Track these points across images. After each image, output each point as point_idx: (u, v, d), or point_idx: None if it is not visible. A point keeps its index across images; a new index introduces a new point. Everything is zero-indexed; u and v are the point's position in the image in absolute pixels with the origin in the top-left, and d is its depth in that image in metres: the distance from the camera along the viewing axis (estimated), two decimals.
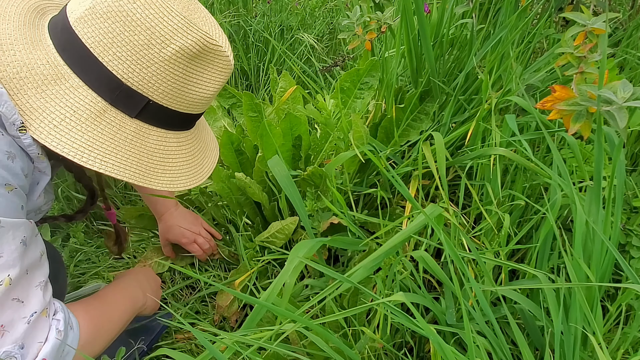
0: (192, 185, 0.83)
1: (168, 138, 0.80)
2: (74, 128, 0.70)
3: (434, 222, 0.73)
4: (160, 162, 0.79)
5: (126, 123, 0.74)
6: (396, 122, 1.29)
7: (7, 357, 0.65)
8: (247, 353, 0.74)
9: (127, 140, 0.74)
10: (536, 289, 0.96)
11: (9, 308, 0.67)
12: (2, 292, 0.65)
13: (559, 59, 0.76)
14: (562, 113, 0.71)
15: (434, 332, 0.70)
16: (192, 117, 0.82)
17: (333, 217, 1.08)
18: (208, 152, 0.89)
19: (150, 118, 0.76)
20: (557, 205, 0.84)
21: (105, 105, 0.72)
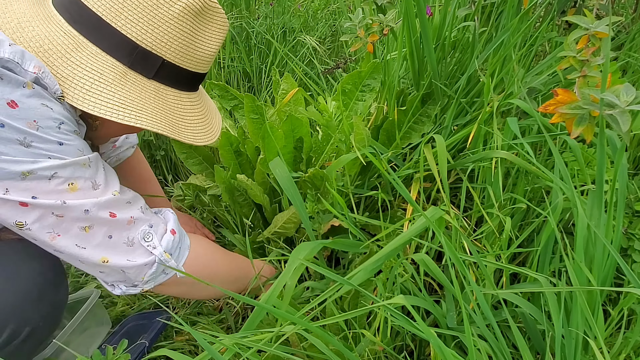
0: (210, 141, 0.89)
1: (182, 98, 0.85)
2: (104, 89, 0.75)
3: (434, 225, 0.72)
4: (180, 118, 0.84)
5: (146, 84, 0.80)
6: (398, 124, 1.29)
7: (145, 235, 0.85)
8: (247, 355, 0.74)
9: (151, 98, 0.79)
10: (537, 292, 0.96)
11: (127, 208, 0.83)
12: (117, 199, 0.81)
13: (561, 62, 0.76)
14: (564, 116, 0.71)
15: (434, 336, 0.70)
16: (199, 77, 0.88)
17: (334, 220, 1.08)
18: (214, 113, 0.96)
19: (166, 78, 0.82)
20: (559, 208, 0.84)
21: (124, 69, 0.77)
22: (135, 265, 0.83)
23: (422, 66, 1.27)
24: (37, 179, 0.70)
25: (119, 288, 0.88)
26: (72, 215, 0.75)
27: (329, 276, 0.74)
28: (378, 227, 1.27)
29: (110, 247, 0.81)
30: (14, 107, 0.67)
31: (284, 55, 2.21)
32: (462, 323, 0.97)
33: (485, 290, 0.80)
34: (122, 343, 0.85)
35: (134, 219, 0.84)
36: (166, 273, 0.89)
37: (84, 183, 0.76)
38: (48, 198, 0.72)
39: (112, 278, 0.86)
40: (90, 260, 0.80)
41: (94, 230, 0.78)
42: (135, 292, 0.89)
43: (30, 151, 0.69)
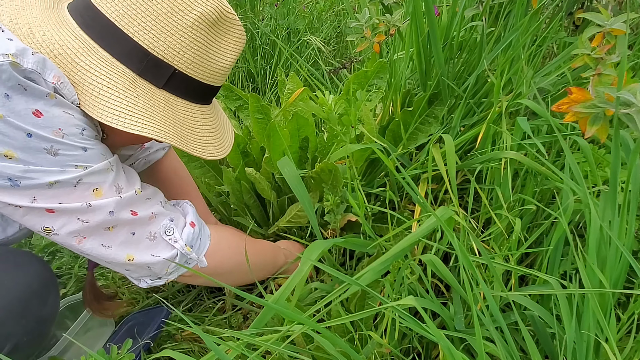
0: (219, 156, 0.88)
1: (193, 110, 0.84)
2: (112, 95, 0.74)
3: (444, 224, 0.71)
4: (190, 130, 0.83)
5: (155, 93, 0.78)
6: (404, 125, 1.28)
7: (167, 229, 0.87)
8: (253, 356, 0.73)
9: (160, 107, 0.78)
10: (546, 295, 0.94)
11: (147, 204, 0.85)
12: (139, 197, 0.83)
13: (574, 60, 0.75)
14: (578, 116, 0.69)
15: (444, 338, 0.69)
16: (212, 90, 0.86)
17: (349, 214, 1.07)
18: (227, 128, 0.95)
19: (176, 88, 0.80)
20: (570, 209, 0.82)
21: (134, 76, 0.76)
22: (159, 261, 0.85)
23: (429, 66, 1.27)
24: (64, 186, 0.72)
25: (144, 282, 0.90)
26: (97, 218, 0.77)
27: (337, 277, 0.73)
28: (385, 228, 1.26)
29: (134, 243, 0.83)
30: (39, 117, 0.68)
31: (289, 55, 2.20)
32: (469, 325, 0.96)
33: (495, 292, 0.79)
34: (126, 342, 0.84)
35: (154, 214, 0.85)
36: (188, 263, 0.91)
37: (108, 188, 0.78)
38: (74, 202, 0.74)
39: (137, 274, 0.88)
40: (117, 259, 0.82)
41: (118, 229, 0.80)
42: (160, 284, 0.91)
43: (57, 160, 0.70)
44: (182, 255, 0.89)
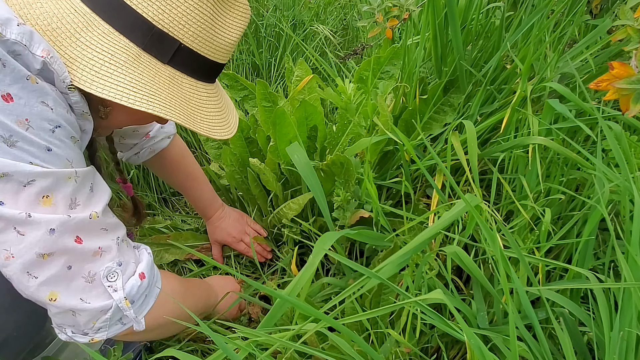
0: (227, 135, 0.83)
1: (198, 88, 0.79)
2: (115, 71, 0.68)
3: (474, 209, 0.65)
4: (196, 109, 0.78)
5: (160, 69, 0.73)
6: (418, 114, 1.22)
7: (110, 273, 0.72)
8: (263, 356, 0.67)
9: (165, 84, 0.73)
10: (575, 292, 0.88)
11: (99, 236, 0.72)
12: (94, 224, 0.71)
13: (615, 34, 0.69)
14: (620, 93, 0.63)
15: (475, 336, 0.63)
16: (217, 67, 0.81)
17: (362, 211, 1.00)
18: (231, 108, 0.90)
19: (182, 64, 0.75)
20: (605, 198, 0.76)
21: (138, 51, 0.71)
22: (88, 308, 0.70)
23: (446, 51, 1.20)
24: (11, 181, 0.62)
25: (64, 333, 0.74)
26: (35, 234, 0.64)
27: (355, 268, 0.67)
28: (397, 223, 1.20)
29: (65, 279, 0.68)
30: (7, 101, 0.60)
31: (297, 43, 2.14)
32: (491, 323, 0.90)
33: (528, 287, 0.73)
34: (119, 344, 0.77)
35: (101, 250, 0.72)
36: (123, 323, 0.76)
37: (61, 199, 0.66)
38: (15, 207, 0.63)
39: (59, 319, 0.72)
40: (36, 296, 0.68)
41: (53, 258, 0.67)
42: (83, 342, 0.74)
43: (13, 151, 0.61)
44: (117, 309, 0.73)
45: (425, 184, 1.25)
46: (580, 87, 1.08)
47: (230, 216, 1.35)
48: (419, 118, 1.20)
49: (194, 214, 1.59)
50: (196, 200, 1.32)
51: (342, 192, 0.93)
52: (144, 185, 1.68)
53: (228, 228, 1.33)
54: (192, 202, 1.34)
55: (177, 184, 1.30)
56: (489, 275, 0.96)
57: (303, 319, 0.82)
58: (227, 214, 1.35)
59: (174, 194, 1.71)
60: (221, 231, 1.34)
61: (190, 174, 1.29)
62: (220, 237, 1.35)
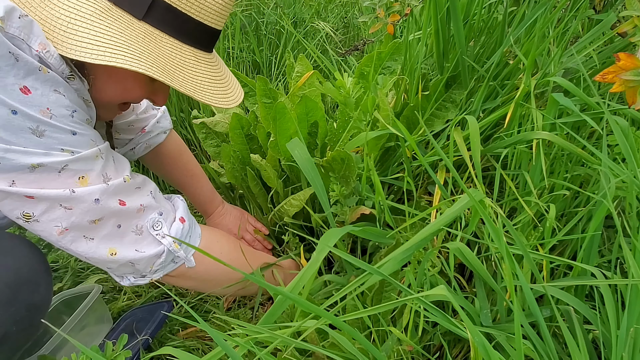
0: (225, 104, 0.79)
1: (184, 52, 0.74)
2: (80, 26, 0.66)
3: (478, 204, 0.64)
4: (179, 69, 0.73)
5: (135, 24, 0.69)
6: (419, 111, 1.20)
7: (155, 223, 0.80)
8: (262, 353, 0.65)
9: (138, 38, 0.68)
10: (580, 289, 0.87)
11: (136, 194, 0.78)
12: (128, 185, 0.76)
13: (621, 25, 0.68)
14: (626, 85, 0.62)
15: (479, 334, 0.61)
16: (206, 31, 0.75)
17: (363, 207, 0.99)
18: (234, 82, 0.85)
19: (161, 22, 0.70)
20: (611, 193, 0.75)
21: (108, 5, 0.67)
22: (144, 257, 0.79)
23: (448, 47, 1.19)
24: (47, 171, 0.66)
25: (127, 279, 0.83)
26: (82, 206, 0.70)
27: (357, 265, 0.65)
28: (399, 220, 1.18)
29: (118, 237, 0.76)
30: (27, 94, 0.62)
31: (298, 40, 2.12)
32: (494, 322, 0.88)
33: (532, 285, 0.71)
34: (121, 338, 0.77)
35: (143, 206, 0.79)
36: (175, 262, 0.84)
37: (95, 177, 0.71)
38: (56, 188, 0.67)
39: (120, 271, 0.81)
40: (98, 254, 0.75)
41: (103, 221, 0.73)
42: (143, 283, 0.84)
43: (43, 141, 0.64)
44: (169, 252, 0.82)
45: (427, 181, 1.23)
46: (585, 81, 1.06)
47: (231, 213, 1.34)
48: (420, 114, 1.19)
49: (194, 212, 1.58)
50: (195, 197, 1.31)
51: (337, 186, 0.92)
52: None
53: (229, 225, 1.32)
54: (192, 199, 1.33)
55: (176, 180, 1.29)
56: (492, 272, 0.94)
57: (304, 316, 0.81)
58: (228, 211, 1.34)
59: (173, 192, 1.69)
60: (222, 228, 1.32)
61: (188, 171, 1.27)
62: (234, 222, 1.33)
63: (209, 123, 1.35)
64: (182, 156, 1.27)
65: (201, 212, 1.36)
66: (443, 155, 0.77)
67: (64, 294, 1.17)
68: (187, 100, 1.88)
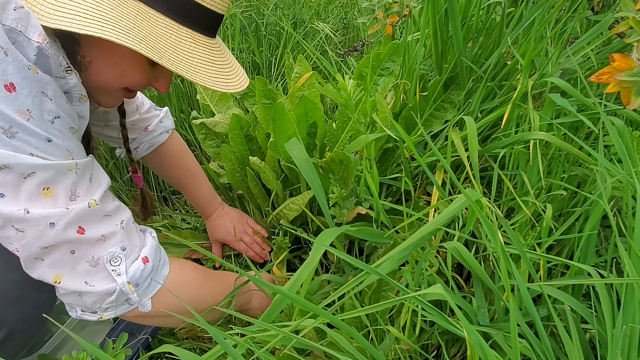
0: (227, 88, 0.74)
1: (180, 32, 0.70)
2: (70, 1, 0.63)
3: (474, 204, 0.64)
4: (173, 49, 0.69)
5: (128, 2, 0.66)
6: (418, 111, 1.21)
7: (113, 258, 0.72)
8: (260, 352, 0.66)
9: (130, 14, 0.65)
10: (577, 288, 0.87)
11: (102, 222, 0.71)
12: (94, 212, 0.69)
13: (618, 26, 0.68)
14: (621, 85, 0.63)
15: (475, 333, 0.62)
16: (208, 14, 0.72)
17: (359, 207, 0.99)
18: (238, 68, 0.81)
19: (155, 0, 0.67)
20: (607, 193, 0.75)
21: None
22: (93, 292, 0.71)
23: (446, 47, 1.20)
24: (12, 174, 0.60)
25: (74, 311, 0.75)
26: (34, 230, 0.64)
27: (355, 264, 0.66)
28: (398, 220, 1.19)
29: (69, 263, 0.69)
30: (10, 91, 0.58)
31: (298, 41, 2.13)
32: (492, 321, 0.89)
33: (529, 284, 0.72)
34: (121, 337, 0.77)
35: (105, 236, 0.71)
36: (130, 304, 0.76)
37: (62, 191, 0.65)
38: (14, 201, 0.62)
39: (68, 299, 0.73)
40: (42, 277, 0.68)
41: (55, 248, 0.67)
42: (92, 319, 0.75)
43: (13, 142, 0.59)
44: (122, 292, 0.73)
45: (425, 182, 1.24)
46: (581, 82, 1.07)
47: (230, 215, 1.34)
48: (419, 115, 1.19)
49: (194, 213, 1.58)
50: (195, 198, 1.32)
51: (336, 188, 0.92)
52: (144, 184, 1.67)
53: (228, 227, 1.32)
54: (192, 199, 1.33)
55: (176, 181, 1.30)
56: (490, 272, 0.95)
57: (302, 316, 0.81)
58: (227, 213, 1.34)
59: (174, 193, 1.70)
60: (221, 229, 1.33)
61: (189, 171, 1.28)
62: (220, 236, 1.34)
63: (208, 123, 1.36)
64: (183, 157, 1.27)
65: (200, 213, 1.36)
66: (440, 156, 0.77)
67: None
68: (188, 101, 1.89)
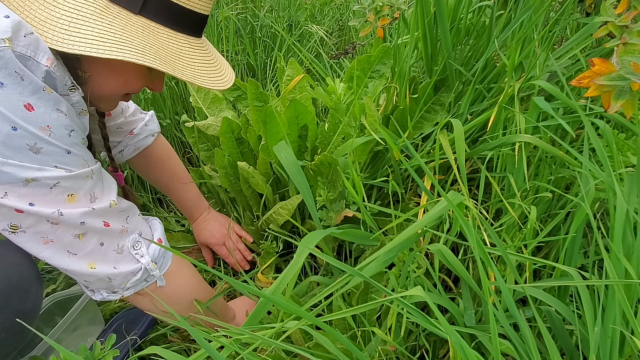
0: (221, 86, 0.83)
1: (179, 39, 0.78)
2: (83, 25, 0.69)
3: (456, 207, 0.65)
4: (177, 57, 0.77)
5: (132, 19, 0.73)
6: (409, 113, 1.22)
7: (135, 243, 0.84)
8: (245, 352, 0.66)
9: (138, 32, 0.72)
10: (563, 290, 0.88)
11: (120, 217, 0.82)
12: (114, 210, 0.80)
13: (598, 31, 0.69)
14: (601, 89, 0.63)
15: (456, 334, 0.62)
16: (196, 17, 0.79)
17: (347, 210, 1.00)
18: (224, 64, 0.89)
19: (155, 14, 0.74)
20: (591, 196, 0.76)
21: (106, 3, 0.71)
22: (122, 273, 0.82)
23: (436, 50, 1.20)
24: (39, 186, 0.68)
25: (99, 294, 0.85)
26: (68, 224, 0.73)
27: (338, 266, 0.66)
28: (387, 222, 1.20)
29: (100, 254, 0.79)
30: (30, 110, 0.65)
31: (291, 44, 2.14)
32: (479, 322, 0.89)
33: (512, 285, 0.73)
34: (109, 338, 0.78)
35: (125, 227, 0.82)
36: (147, 281, 0.87)
37: (83, 195, 0.75)
38: (45, 207, 0.70)
39: (95, 285, 0.83)
40: (78, 268, 0.77)
41: (87, 238, 0.76)
42: (114, 299, 0.86)
43: (39, 157, 0.67)
44: (146, 270, 0.85)
45: (416, 183, 1.25)
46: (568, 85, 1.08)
47: (216, 219, 1.35)
48: (409, 117, 1.20)
49: (180, 216, 1.59)
50: (181, 202, 1.33)
51: (324, 191, 0.93)
52: (138, 185, 1.68)
53: (212, 230, 1.33)
54: (178, 203, 1.34)
55: (163, 184, 1.31)
56: (478, 274, 0.96)
57: (288, 317, 0.82)
58: (213, 217, 1.35)
59: (161, 197, 1.70)
60: (205, 233, 1.34)
61: (175, 175, 1.29)
62: (204, 239, 1.35)
63: (201, 126, 1.36)
64: (169, 160, 1.28)
65: (187, 216, 1.37)
66: (421, 162, 0.78)
67: (56, 295, 1.18)
68: (182, 103, 1.90)
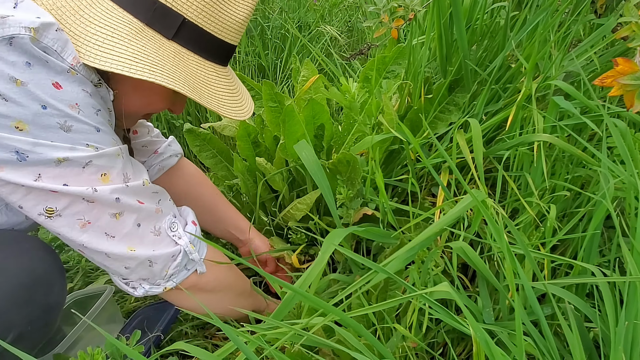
0: (241, 116, 0.84)
1: (206, 67, 0.80)
2: (117, 44, 0.70)
3: (481, 204, 0.66)
4: (204, 85, 0.79)
5: (165, 44, 0.74)
6: (423, 113, 1.22)
7: (171, 224, 0.84)
8: (271, 349, 0.67)
9: (169, 57, 0.74)
10: (581, 287, 0.88)
11: (153, 198, 0.82)
12: (147, 189, 0.81)
13: (620, 31, 0.70)
14: (625, 89, 0.64)
15: (482, 331, 0.63)
16: (226, 48, 0.81)
17: (365, 208, 1.01)
18: (245, 93, 0.91)
19: (188, 41, 0.76)
20: (610, 194, 0.77)
21: (142, 26, 0.73)
22: (162, 255, 0.81)
23: (451, 51, 1.21)
24: (72, 165, 0.69)
25: (141, 287, 0.84)
26: (103, 201, 0.73)
27: (362, 262, 0.67)
28: (403, 221, 1.21)
29: (138, 236, 0.78)
30: (58, 88, 0.66)
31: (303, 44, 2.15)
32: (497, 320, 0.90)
33: (533, 283, 0.73)
34: (135, 334, 0.79)
35: (160, 208, 0.82)
36: (188, 269, 0.86)
37: (117, 175, 0.75)
38: (79, 185, 0.70)
39: (136, 275, 0.82)
40: (117, 251, 0.77)
41: (124, 218, 0.76)
42: (157, 292, 0.85)
43: (70, 136, 0.68)
44: (185, 253, 0.84)
45: (430, 183, 1.26)
46: (585, 85, 1.08)
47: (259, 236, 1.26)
48: (424, 117, 1.21)
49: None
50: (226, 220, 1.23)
51: (344, 189, 0.94)
52: None
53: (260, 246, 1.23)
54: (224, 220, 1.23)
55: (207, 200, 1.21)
56: (495, 271, 0.96)
57: (311, 314, 0.83)
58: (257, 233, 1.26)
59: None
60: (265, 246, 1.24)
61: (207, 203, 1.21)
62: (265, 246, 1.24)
63: (217, 127, 1.38)
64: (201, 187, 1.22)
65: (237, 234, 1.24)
66: (447, 157, 0.79)
67: (76, 294, 1.19)
68: (195, 105, 1.91)
